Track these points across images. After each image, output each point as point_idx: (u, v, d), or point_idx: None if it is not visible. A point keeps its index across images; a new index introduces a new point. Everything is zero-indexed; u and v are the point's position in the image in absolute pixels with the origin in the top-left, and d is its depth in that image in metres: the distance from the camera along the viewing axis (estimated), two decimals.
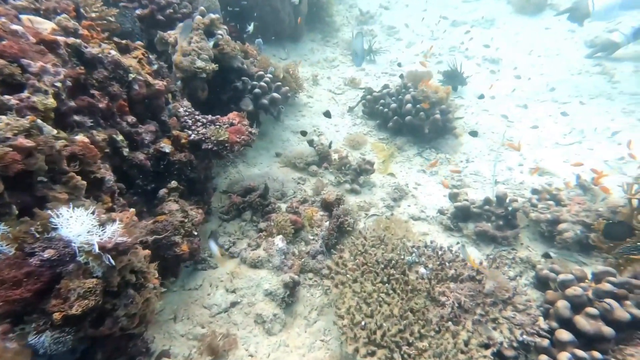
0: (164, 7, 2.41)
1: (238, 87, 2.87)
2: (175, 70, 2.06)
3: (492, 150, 3.29)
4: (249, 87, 2.96)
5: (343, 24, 5.97)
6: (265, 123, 3.41)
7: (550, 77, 4.16)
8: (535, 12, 5.51)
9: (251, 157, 3.01)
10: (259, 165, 2.95)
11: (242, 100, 2.87)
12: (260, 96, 2.92)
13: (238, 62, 2.66)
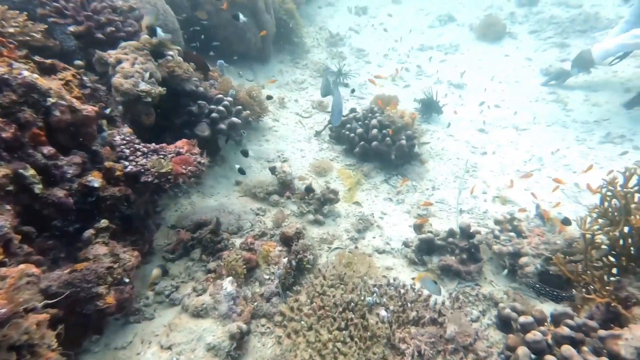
0: (104, 24, 2.27)
1: (193, 111, 2.74)
2: (115, 94, 1.92)
3: (457, 177, 3.33)
4: (206, 111, 2.84)
5: (313, 45, 6.04)
6: (226, 149, 3.28)
7: (511, 104, 4.34)
8: (496, 40, 5.84)
9: (208, 186, 2.85)
10: (216, 196, 2.79)
11: (198, 125, 2.73)
12: (218, 121, 2.81)
13: (191, 85, 2.54)
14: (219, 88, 3.26)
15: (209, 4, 4.23)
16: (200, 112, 2.80)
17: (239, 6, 4.38)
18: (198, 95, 2.74)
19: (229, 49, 4.49)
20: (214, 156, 3.05)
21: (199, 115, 2.80)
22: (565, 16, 5.62)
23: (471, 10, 6.84)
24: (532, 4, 6.34)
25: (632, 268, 1.51)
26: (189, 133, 2.73)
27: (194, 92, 2.58)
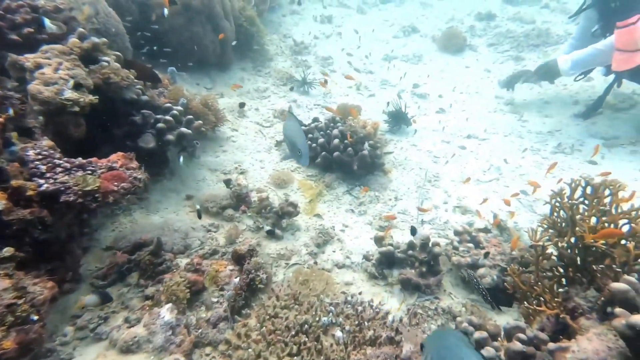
0: (19, 25, 2.08)
1: (136, 122, 2.57)
2: (32, 102, 1.74)
3: (419, 187, 3.36)
4: (152, 121, 2.68)
5: (277, 53, 6.01)
6: (177, 161, 3.11)
7: (471, 114, 4.50)
8: (457, 52, 6.09)
9: (154, 201, 2.67)
10: (163, 212, 2.62)
11: (142, 136, 2.57)
12: (165, 132, 2.66)
13: (132, 94, 2.39)
14: (169, 97, 3.11)
15: (160, 8, 4.08)
16: (144, 122, 2.64)
17: (194, 11, 4.26)
18: (142, 104, 2.58)
19: (184, 55, 4.34)
20: (162, 169, 2.88)
21: (143, 126, 2.64)
22: (520, 31, 5.98)
23: (433, 22, 7.13)
24: (490, 18, 6.70)
25: (579, 279, 1.54)
26: (131, 145, 2.56)
27: (136, 101, 2.42)
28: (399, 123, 4.13)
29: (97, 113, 2.27)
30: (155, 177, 2.84)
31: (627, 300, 1.31)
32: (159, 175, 2.86)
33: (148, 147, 2.53)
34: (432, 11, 7.62)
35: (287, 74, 5.29)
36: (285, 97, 4.79)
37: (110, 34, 3.21)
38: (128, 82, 2.35)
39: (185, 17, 4.25)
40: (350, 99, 4.99)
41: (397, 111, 4.12)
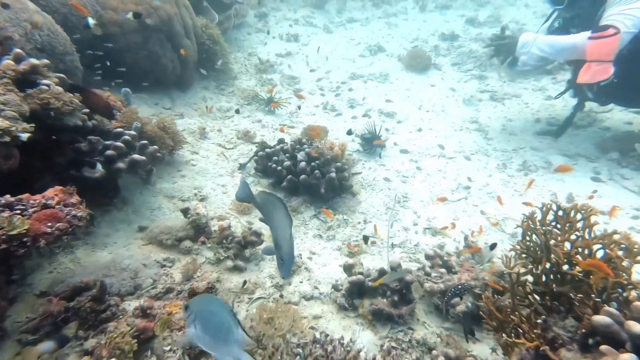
0: None
1: (82, 149, 2.41)
2: None
3: (389, 208, 3.38)
4: (100, 147, 2.53)
5: (241, 72, 5.99)
6: (130, 187, 2.95)
7: (438, 132, 4.65)
8: (423, 70, 6.35)
9: (102, 235, 2.48)
10: (112, 246, 2.43)
11: (87, 165, 2.41)
12: (115, 159, 2.51)
13: (75, 120, 2.24)
14: (121, 120, 2.97)
15: (115, 26, 3.96)
16: (91, 149, 2.49)
17: (151, 29, 4.17)
18: (88, 130, 2.43)
19: (141, 75, 4.20)
20: (111, 199, 2.71)
21: (90, 153, 2.48)
22: (482, 51, 6.35)
23: (399, 42, 7.44)
24: (454, 39, 7.10)
25: (556, 307, 1.56)
26: (76, 175, 2.39)
27: (80, 127, 2.28)
28: (372, 146, 4.16)
29: (36, 141, 2.11)
30: (104, 207, 2.66)
31: (611, 334, 1.27)
32: (108, 206, 2.69)
33: (94, 177, 2.37)
34: (397, 31, 7.96)
35: (252, 93, 5.26)
36: (250, 117, 4.75)
37: (56, 53, 3.05)
38: (71, 107, 2.20)
39: (142, 35, 4.14)
40: (317, 119, 5.02)
41: (371, 134, 4.15)
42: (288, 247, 1.66)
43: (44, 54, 2.92)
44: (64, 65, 3.15)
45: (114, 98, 3.14)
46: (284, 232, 1.68)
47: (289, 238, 1.67)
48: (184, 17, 4.62)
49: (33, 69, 2.18)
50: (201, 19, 5.28)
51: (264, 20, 7.82)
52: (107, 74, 3.97)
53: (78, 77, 3.39)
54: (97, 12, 3.79)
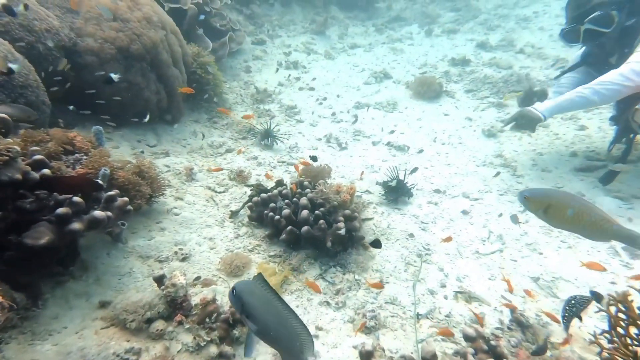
0: None
1: (25, 208, 2.02)
2: None
3: (408, 263, 2.93)
4: (52, 203, 2.13)
5: (236, 102, 5.73)
6: (94, 247, 2.53)
7: (458, 168, 4.27)
8: (433, 98, 6.08)
9: (49, 317, 2.03)
10: (60, 334, 1.97)
11: (31, 229, 2.00)
12: (69, 219, 2.10)
13: (14, 172, 1.86)
14: (87, 165, 2.59)
15: (91, 55, 3.69)
16: (40, 206, 2.08)
17: (133, 58, 3.91)
18: (34, 183, 2.05)
19: (120, 108, 3.89)
20: (66, 266, 2.28)
21: (37, 212, 2.08)
22: (498, 76, 6.11)
23: (406, 67, 7.25)
24: (465, 64, 6.90)
25: None
26: (15, 241, 1.98)
27: (21, 182, 1.89)
28: (397, 194, 3.67)
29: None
30: (56, 278, 2.23)
31: None
32: (61, 276, 2.25)
33: (38, 245, 1.95)
34: (403, 56, 7.80)
35: (247, 126, 4.96)
36: (245, 154, 4.39)
37: (13, 85, 2.74)
38: (8, 155, 1.83)
39: (122, 64, 3.87)
40: (320, 153, 4.67)
41: (396, 181, 3.68)
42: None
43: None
44: (25, 100, 2.83)
45: (80, 138, 2.78)
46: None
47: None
48: (171, 44, 4.38)
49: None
50: (193, 46, 5.08)
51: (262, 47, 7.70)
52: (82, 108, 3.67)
53: (45, 114, 3.07)
54: (72, 40, 3.53)
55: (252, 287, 1.41)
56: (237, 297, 1.39)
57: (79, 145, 2.72)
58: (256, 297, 1.37)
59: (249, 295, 1.38)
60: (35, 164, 2.20)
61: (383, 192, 3.74)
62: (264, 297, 1.37)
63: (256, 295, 1.37)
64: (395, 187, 3.64)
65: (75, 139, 2.73)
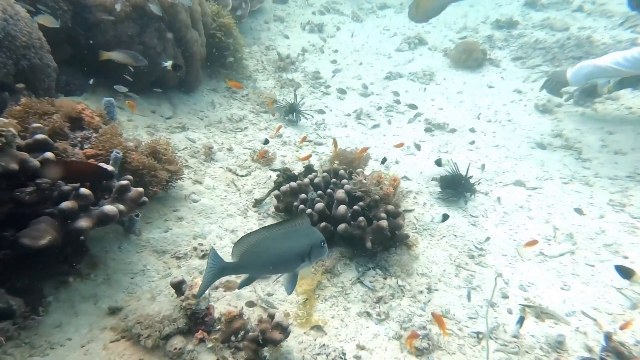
0: None
1: (23, 199, 1.68)
2: None
3: (459, 266, 2.55)
4: (55, 194, 1.80)
5: (257, 69, 5.23)
6: (104, 240, 2.23)
7: (508, 151, 3.76)
8: (475, 68, 5.43)
9: (50, 326, 1.75)
10: (63, 348, 1.69)
11: (30, 226, 1.68)
12: (75, 214, 1.77)
13: (8, 160, 1.51)
14: (96, 145, 2.24)
15: (102, 11, 3.24)
16: (41, 198, 1.75)
17: (149, 18, 3.44)
18: (33, 171, 1.70)
19: (136, 75, 3.48)
20: (72, 265, 1.98)
21: (37, 204, 1.75)
22: (551, 40, 5.37)
23: (442, 32, 6.52)
24: (511, 26, 6.12)
25: None
26: (11, 238, 1.67)
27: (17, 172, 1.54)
28: (456, 191, 3.12)
29: None
30: (60, 278, 1.94)
31: None
32: (67, 275, 1.96)
33: (39, 245, 1.63)
34: (439, 19, 6.99)
35: (269, 98, 4.49)
36: (267, 130, 3.97)
37: (16, 46, 2.35)
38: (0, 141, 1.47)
39: (137, 25, 3.43)
40: (350, 132, 4.21)
41: (453, 175, 3.11)
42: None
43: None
44: (28, 62, 2.45)
45: (90, 112, 2.41)
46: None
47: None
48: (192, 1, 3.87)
49: None
50: (212, 4, 4.54)
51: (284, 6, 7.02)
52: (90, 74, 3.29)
53: (50, 78, 2.69)
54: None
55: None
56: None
57: (88, 120, 2.36)
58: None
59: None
60: (36, 144, 1.86)
61: (440, 188, 3.21)
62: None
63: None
64: (449, 179, 3.10)
65: (84, 112, 2.36)
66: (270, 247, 1.36)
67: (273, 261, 1.38)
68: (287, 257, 1.37)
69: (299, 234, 1.37)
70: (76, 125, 2.32)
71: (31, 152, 1.82)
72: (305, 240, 1.37)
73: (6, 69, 2.27)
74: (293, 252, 1.37)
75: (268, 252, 1.37)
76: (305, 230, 1.39)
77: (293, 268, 1.41)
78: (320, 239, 1.39)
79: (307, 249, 1.37)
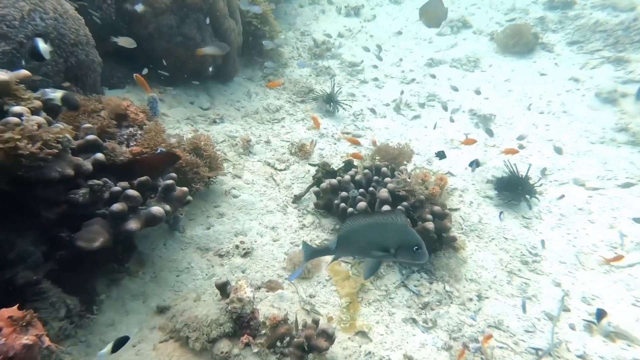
0: None
1: (76, 201, 1.70)
2: None
3: (511, 273, 2.38)
4: (107, 196, 1.80)
5: (292, 56, 5.11)
6: (150, 237, 2.25)
7: (564, 146, 3.46)
8: (525, 53, 5.03)
9: (105, 324, 1.79)
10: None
11: (84, 228, 1.69)
12: (125, 216, 1.77)
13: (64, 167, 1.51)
14: (142, 143, 2.24)
15: (145, 4, 3.22)
16: (93, 199, 1.76)
17: (188, 8, 3.39)
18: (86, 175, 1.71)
19: (174, 66, 3.48)
20: (122, 262, 2.01)
21: (90, 205, 1.76)
22: (614, 22, 4.86)
23: (489, 14, 6.07)
24: (567, 6, 5.59)
25: None
26: (66, 238, 1.69)
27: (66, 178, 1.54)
28: (515, 194, 2.84)
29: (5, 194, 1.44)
30: (112, 276, 1.98)
31: None
32: (117, 273, 1.99)
33: (92, 247, 1.65)
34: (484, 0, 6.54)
35: (306, 86, 4.38)
36: (304, 121, 3.88)
37: (65, 44, 2.37)
38: (56, 148, 1.47)
39: (176, 16, 3.40)
40: (389, 123, 4.04)
41: (511, 177, 2.87)
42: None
43: (47, 45, 2.24)
44: (76, 59, 2.46)
45: (134, 108, 2.41)
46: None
47: None
48: None
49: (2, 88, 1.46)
50: None
51: None
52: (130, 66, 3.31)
53: (96, 73, 2.72)
54: None
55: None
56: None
57: (133, 117, 2.36)
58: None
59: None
60: (87, 145, 1.87)
61: (495, 191, 2.96)
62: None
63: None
64: (507, 181, 2.86)
65: (129, 108, 2.37)
66: (362, 234, 1.44)
67: (359, 247, 1.47)
68: (374, 246, 1.41)
69: (391, 229, 1.40)
70: (122, 122, 2.33)
71: (83, 152, 1.85)
72: (395, 237, 1.38)
73: (57, 67, 2.29)
74: (380, 243, 1.40)
75: (360, 239, 1.45)
76: (399, 227, 1.39)
77: (376, 256, 1.44)
78: (414, 242, 1.35)
79: (394, 244, 1.37)
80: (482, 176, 3.19)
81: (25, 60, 2.10)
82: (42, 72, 2.22)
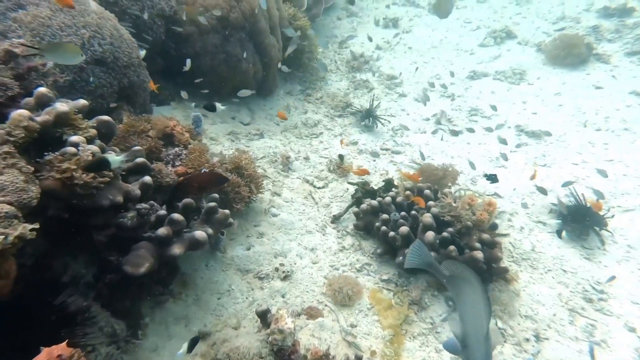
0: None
1: (124, 225, 1.69)
2: None
3: (573, 310, 2.14)
4: (153, 220, 1.79)
5: (330, 69, 5.04)
6: (193, 257, 2.22)
7: (627, 167, 3.13)
8: (577, 65, 4.67)
9: (148, 350, 1.76)
10: None
11: (131, 252, 1.68)
12: (170, 240, 1.74)
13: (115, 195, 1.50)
14: (186, 163, 2.23)
15: (192, 24, 3.28)
16: (140, 223, 1.75)
17: (232, 27, 3.42)
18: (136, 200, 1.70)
19: (217, 83, 3.51)
20: (166, 285, 1.99)
21: (137, 229, 1.75)
22: None
23: (535, 23, 5.72)
24: (625, 14, 5.15)
25: None
26: (115, 262, 1.69)
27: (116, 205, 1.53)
28: (582, 225, 2.57)
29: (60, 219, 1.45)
30: (156, 299, 1.96)
31: None
32: (161, 296, 1.97)
33: (138, 273, 1.63)
34: (530, 8, 6.18)
35: (344, 101, 4.28)
36: (342, 136, 3.77)
37: (119, 66, 2.42)
38: (108, 177, 1.46)
39: (220, 35, 3.43)
40: (429, 139, 3.84)
41: (577, 206, 2.62)
42: (481, 352, 1.22)
43: (103, 68, 2.30)
44: (128, 80, 2.52)
45: (180, 128, 2.42)
46: (477, 325, 1.26)
47: (485, 337, 1.24)
48: (269, 8, 3.78)
49: (58, 119, 1.47)
50: (288, 7, 4.41)
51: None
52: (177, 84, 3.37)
53: (145, 92, 2.77)
54: (172, 8, 3.13)
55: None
56: None
57: (178, 137, 2.37)
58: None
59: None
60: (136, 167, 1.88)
61: (559, 223, 2.69)
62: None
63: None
64: (574, 210, 2.58)
65: (175, 128, 2.38)
66: (466, 312, 1.33)
67: (461, 322, 1.34)
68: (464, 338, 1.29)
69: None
70: (168, 142, 2.34)
71: (133, 175, 1.85)
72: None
73: (112, 89, 2.34)
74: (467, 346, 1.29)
75: (462, 309, 1.36)
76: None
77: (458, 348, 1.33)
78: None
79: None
80: (533, 199, 2.94)
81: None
82: (97, 94, 2.28)
